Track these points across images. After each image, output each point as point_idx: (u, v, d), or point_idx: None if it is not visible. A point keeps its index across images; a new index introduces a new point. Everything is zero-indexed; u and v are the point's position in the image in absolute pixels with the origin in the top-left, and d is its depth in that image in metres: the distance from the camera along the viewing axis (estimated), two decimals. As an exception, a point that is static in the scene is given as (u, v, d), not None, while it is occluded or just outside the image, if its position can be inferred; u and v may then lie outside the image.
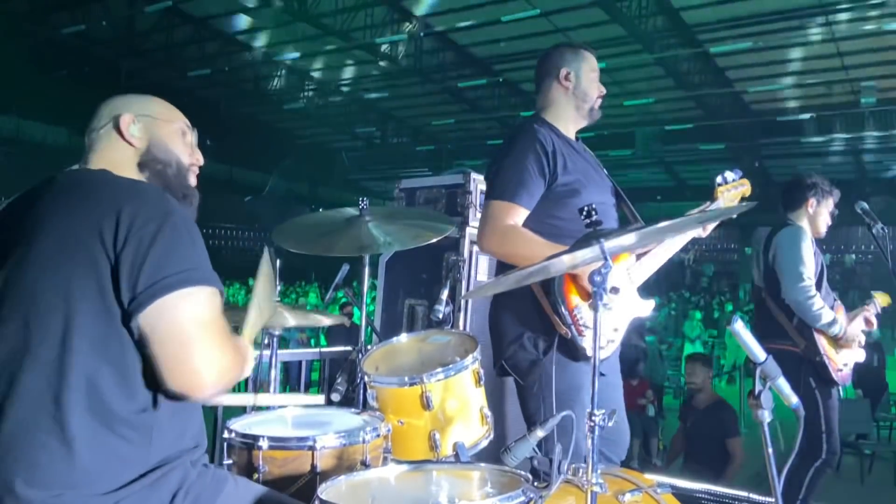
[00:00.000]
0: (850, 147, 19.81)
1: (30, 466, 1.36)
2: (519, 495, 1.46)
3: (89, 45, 16.60)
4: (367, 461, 1.99)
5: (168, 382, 1.40)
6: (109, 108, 1.67)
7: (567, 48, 2.64)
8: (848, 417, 6.93)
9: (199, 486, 1.52)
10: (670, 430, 8.94)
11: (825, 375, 3.46)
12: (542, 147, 2.41)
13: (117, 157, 1.62)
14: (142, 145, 1.65)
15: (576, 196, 2.40)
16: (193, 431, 1.57)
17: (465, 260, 3.54)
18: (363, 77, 18.09)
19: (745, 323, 1.63)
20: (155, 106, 1.71)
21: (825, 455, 3.44)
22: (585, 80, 2.57)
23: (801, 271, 3.48)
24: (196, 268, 1.44)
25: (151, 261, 1.39)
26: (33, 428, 1.37)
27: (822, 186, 3.74)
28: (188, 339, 1.40)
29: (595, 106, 2.58)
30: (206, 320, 1.43)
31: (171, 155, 1.67)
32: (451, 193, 3.73)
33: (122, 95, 1.72)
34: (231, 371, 1.48)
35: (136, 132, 1.64)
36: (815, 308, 3.44)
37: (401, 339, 2.60)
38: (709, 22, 13.75)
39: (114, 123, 1.64)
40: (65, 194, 1.52)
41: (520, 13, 13.46)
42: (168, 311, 1.39)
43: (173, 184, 1.66)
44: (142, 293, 1.38)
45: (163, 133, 1.68)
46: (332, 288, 3.37)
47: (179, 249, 1.43)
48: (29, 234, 1.46)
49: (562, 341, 2.28)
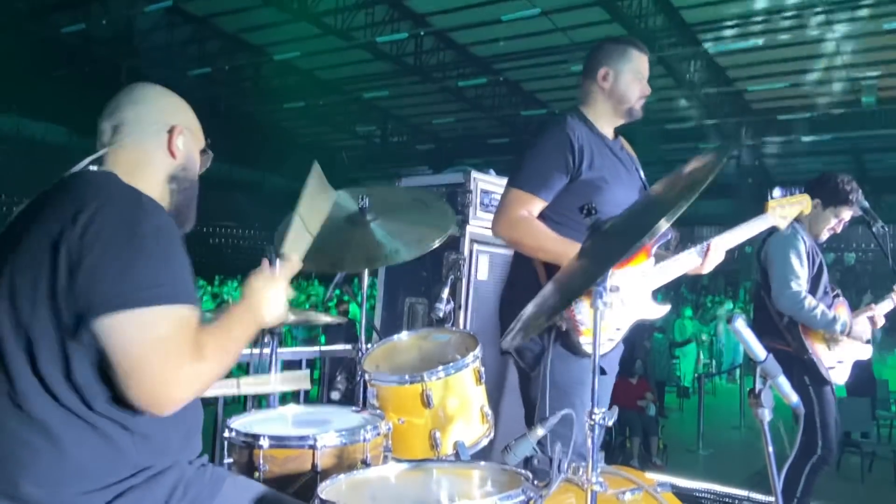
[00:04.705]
0: (850, 146, 19.81)
1: (17, 466, 1.36)
2: (519, 494, 1.46)
3: (89, 45, 16.56)
4: (367, 460, 1.98)
5: (128, 398, 1.36)
6: (156, 109, 1.65)
7: (614, 45, 2.59)
8: (848, 416, 6.95)
9: (196, 484, 1.52)
10: (671, 429, 8.97)
11: (816, 373, 3.46)
12: (569, 141, 2.42)
13: (153, 163, 1.61)
14: (181, 160, 1.65)
15: (598, 193, 2.40)
16: (191, 430, 1.56)
17: (465, 258, 3.54)
18: (363, 76, 18.07)
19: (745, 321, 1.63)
20: (193, 120, 1.72)
21: (821, 451, 3.44)
22: (624, 81, 2.53)
23: (789, 278, 3.43)
24: (155, 284, 1.37)
25: (110, 274, 1.34)
26: (13, 430, 1.37)
27: (840, 193, 3.55)
28: (141, 356, 1.34)
29: (636, 107, 2.55)
30: (160, 338, 1.35)
31: (196, 175, 1.71)
32: (451, 192, 3.73)
33: (164, 93, 1.69)
34: (199, 379, 1.41)
35: (181, 145, 1.65)
36: (808, 312, 3.41)
37: (401, 338, 2.60)
38: (709, 21, 13.75)
39: (168, 130, 1.63)
40: (54, 198, 1.50)
41: (520, 12, 13.45)
42: (119, 328, 1.34)
43: (191, 203, 1.68)
44: (96, 306, 1.33)
45: (195, 152, 1.71)
46: (332, 286, 3.37)
47: (140, 263, 1.37)
48: (17, 239, 1.45)
49: (560, 334, 2.31)
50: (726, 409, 10.50)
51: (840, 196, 3.56)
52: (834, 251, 22.91)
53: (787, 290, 3.43)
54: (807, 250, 3.54)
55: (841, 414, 3.69)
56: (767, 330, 3.53)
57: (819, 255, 3.62)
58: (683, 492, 3.79)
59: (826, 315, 3.42)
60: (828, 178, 3.63)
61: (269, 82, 18.89)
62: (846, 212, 3.59)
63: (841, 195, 3.56)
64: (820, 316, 3.41)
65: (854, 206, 3.57)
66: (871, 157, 21.17)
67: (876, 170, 21.47)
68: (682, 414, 11.07)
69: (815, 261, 3.57)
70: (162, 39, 16.49)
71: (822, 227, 3.63)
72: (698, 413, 8.41)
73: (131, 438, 1.43)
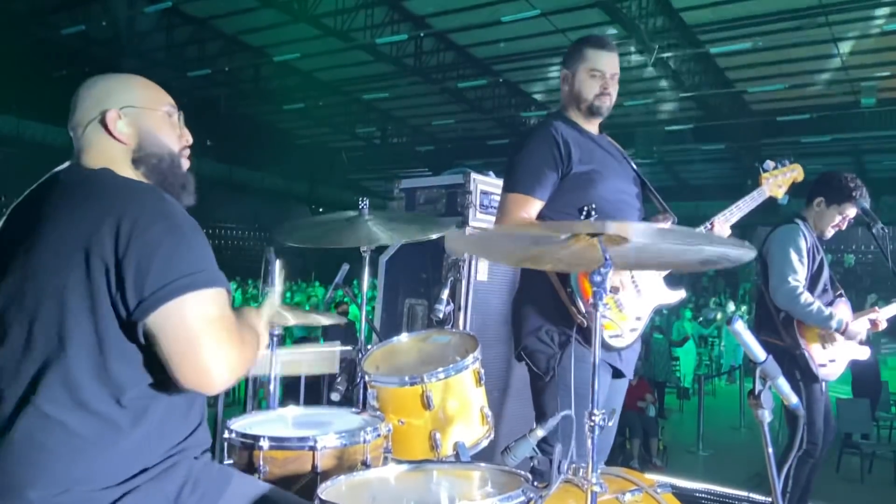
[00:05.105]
0: (851, 147, 19.82)
1: (33, 468, 1.37)
2: (519, 495, 1.46)
3: (89, 45, 16.57)
4: (367, 461, 1.99)
5: (179, 380, 1.42)
6: (92, 101, 1.59)
7: (572, 47, 2.66)
8: (848, 417, 6.95)
9: (205, 479, 1.53)
10: (671, 430, 8.96)
11: (807, 369, 3.47)
12: (554, 139, 2.47)
13: (112, 154, 1.58)
14: (133, 141, 1.59)
15: (593, 185, 2.45)
16: (198, 426, 1.57)
17: (464, 260, 3.54)
18: (363, 77, 18.07)
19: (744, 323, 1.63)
20: (137, 92, 1.63)
21: (806, 446, 3.46)
22: (579, 80, 2.58)
23: (787, 273, 3.46)
24: (201, 270, 1.44)
25: (157, 265, 1.39)
26: (31, 431, 1.38)
27: (844, 190, 3.57)
28: (195, 337, 1.41)
29: (595, 103, 2.57)
30: (212, 318, 1.43)
31: (162, 147, 1.62)
32: (451, 193, 3.73)
33: (100, 81, 1.63)
34: (240, 364, 1.49)
35: (125, 127, 1.58)
36: (803, 307, 3.43)
37: (401, 339, 2.60)
38: (709, 22, 13.75)
39: (100, 120, 1.58)
40: (66, 196, 1.51)
41: (520, 13, 13.46)
42: (175, 314, 1.40)
43: (169, 177, 1.63)
44: (148, 297, 1.38)
45: (150, 123, 1.61)
46: (332, 287, 3.37)
47: (183, 252, 1.43)
48: (32, 238, 1.46)
49: (580, 331, 2.34)
50: (726, 410, 10.50)
51: (844, 193, 3.57)
52: (833, 252, 22.91)
53: (784, 284, 3.47)
54: (808, 247, 3.55)
55: (841, 415, 3.70)
56: (765, 325, 3.57)
57: (820, 252, 3.63)
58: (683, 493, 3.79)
59: (822, 311, 3.44)
60: (831, 175, 3.65)
61: (268, 83, 18.91)
62: (850, 209, 3.60)
63: (845, 192, 3.57)
64: (815, 312, 3.43)
65: (858, 203, 3.57)
66: (871, 159, 21.20)
67: (875, 171, 21.49)
68: (682, 415, 11.06)
69: (815, 258, 3.59)
70: (162, 41, 16.50)
71: (827, 225, 3.64)
72: (698, 414, 8.40)
73: (145, 434, 1.44)
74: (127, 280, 1.39)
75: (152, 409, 1.46)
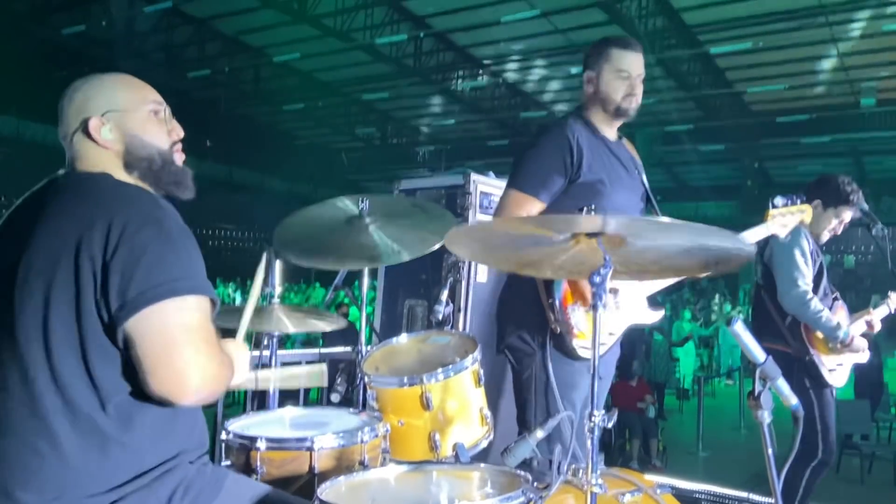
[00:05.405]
0: (850, 148, 19.81)
1: (25, 472, 1.37)
2: (519, 496, 1.46)
3: (89, 46, 16.58)
4: (365, 461, 1.98)
5: (151, 385, 1.38)
6: (73, 110, 1.56)
7: (596, 46, 2.57)
8: (848, 418, 6.95)
9: (198, 483, 1.52)
10: (670, 431, 8.96)
11: (817, 375, 3.44)
12: (568, 143, 2.42)
13: (104, 161, 1.56)
14: (119, 147, 1.56)
15: (596, 196, 2.40)
16: (193, 432, 1.56)
17: (464, 261, 3.54)
18: (363, 77, 18.08)
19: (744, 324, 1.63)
20: (118, 94, 1.59)
21: (822, 454, 3.41)
22: (605, 81, 2.51)
23: (796, 277, 3.41)
24: (185, 276, 1.42)
25: (141, 270, 1.37)
26: (23, 433, 1.38)
27: (841, 194, 3.53)
28: (172, 342, 1.38)
29: (622, 105, 2.51)
30: (192, 326, 1.41)
31: (150, 148, 1.58)
32: (450, 194, 3.73)
33: (81, 86, 1.59)
34: (217, 378, 1.45)
35: (109, 133, 1.55)
36: (813, 313, 3.38)
37: (400, 340, 2.59)
38: (709, 23, 13.76)
39: (83, 130, 1.55)
40: (63, 198, 1.51)
41: (520, 13, 13.47)
42: (155, 318, 1.37)
43: (163, 176, 1.60)
44: (131, 301, 1.36)
45: (135, 125, 1.57)
46: (331, 289, 3.36)
47: (169, 258, 1.41)
48: (26, 241, 1.46)
49: (553, 336, 2.33)
50: (726, 410, 10.50)
51: (841, 197, 3.54)
52: (832, 253, 22.89)
53: (793, 289, 3.40)
54: (811, 250, 3.52)
55: (841, 416, 3.68)
56: (767, 331, 3.50)
57: (820, 255, 3.60)
58: (683, 493, 3.79)
59: (830, 321, 3.39)
60: (828, 178, 3.62)
61: (268, 84, 18.92)
62: (847, 213, 3.57)
63: (842, 196, 3.54)
64: (824, 321, 3.38)
65: (854, 207, 3.55)
66: (871, 160, 21.19)
67: (875, 172, 21.49)
68: (682, 416, 11.06)
69: (816, 261, 3.56)
70: (162, 41, 16.51)
71: (823, 228, 3.60)
72: (698, 415, 8.41)
73: (136, 440, 1.43)
74: (111, 283, 1.37)
75: (139, 417, 1.43)
